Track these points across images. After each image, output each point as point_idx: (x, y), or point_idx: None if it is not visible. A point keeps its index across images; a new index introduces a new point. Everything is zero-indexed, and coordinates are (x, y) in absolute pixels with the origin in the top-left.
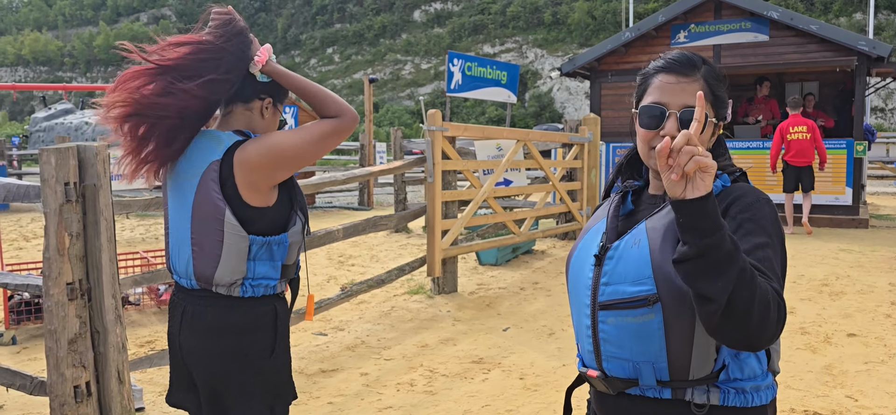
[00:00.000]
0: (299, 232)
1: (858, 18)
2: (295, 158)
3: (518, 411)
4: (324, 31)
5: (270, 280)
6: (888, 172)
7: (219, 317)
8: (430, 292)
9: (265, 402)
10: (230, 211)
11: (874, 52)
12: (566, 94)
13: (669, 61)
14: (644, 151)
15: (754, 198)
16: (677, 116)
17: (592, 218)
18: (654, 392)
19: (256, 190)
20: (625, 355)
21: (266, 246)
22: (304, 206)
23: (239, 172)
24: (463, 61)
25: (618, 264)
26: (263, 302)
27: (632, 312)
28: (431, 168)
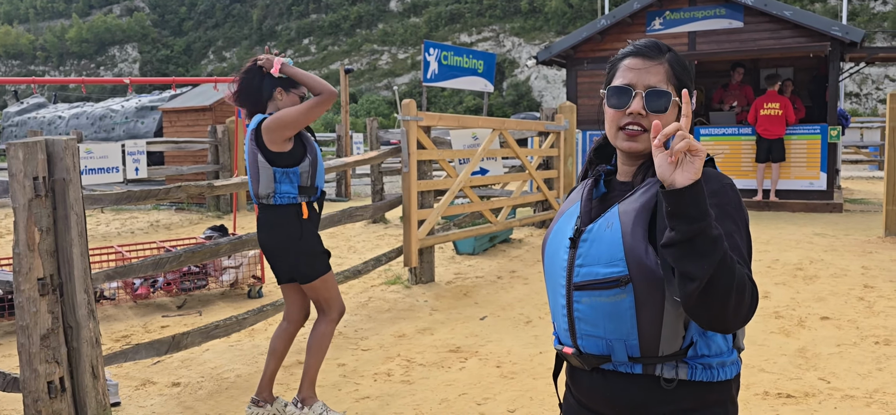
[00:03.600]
0: (307, 167)
1: (833, 3)
2: (291, 122)
3: (495, 398)
4: (299, 22)
5: (292, 194)
6: (862, 156)
7: (265, 216)
8: (408, 283)
9: (303, 261)
10: (261, 154)
11: (847, 37)
12: (544, 83)
13: (637, 46)
14: (612, 131)
15: (720, 184)
16: (642, 95)
17: (566, 202)
18: (625, 368)
19: (272, 143)
20: (598, 332)
21: (285, 173)
22: (315, 154)
23: (263, 134)
24: (439, 51)
25: (591, 247)
26: (287, 207)
27: (605, 292)
28: (407, 158)
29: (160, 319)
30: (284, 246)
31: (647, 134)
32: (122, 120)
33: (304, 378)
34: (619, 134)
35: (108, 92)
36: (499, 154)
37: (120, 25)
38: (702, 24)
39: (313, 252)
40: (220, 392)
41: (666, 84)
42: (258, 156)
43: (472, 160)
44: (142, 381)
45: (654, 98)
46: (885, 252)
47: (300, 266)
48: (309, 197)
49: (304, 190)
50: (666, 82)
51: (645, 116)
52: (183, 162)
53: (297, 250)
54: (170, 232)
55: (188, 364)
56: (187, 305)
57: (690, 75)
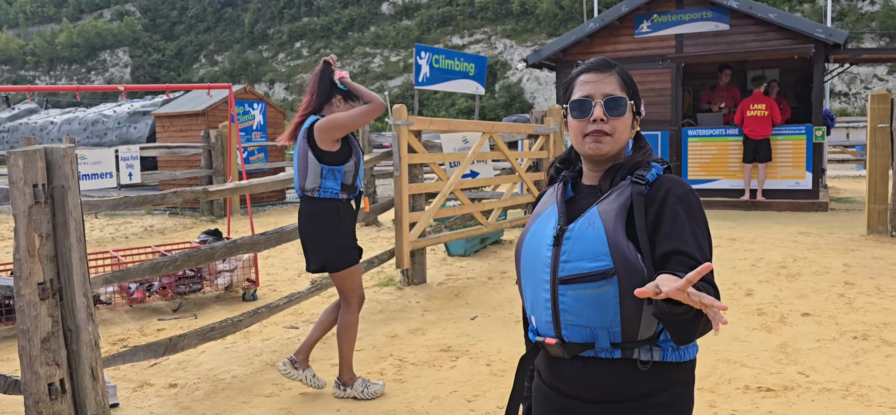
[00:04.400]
0: (352, 167)
1: (821, 3)
2: (342, 125)
3: (485, 395)
4: (291, 26)
5: (335, 190)
6: (849, 155)
7: (307, 208)
8: (400, 284)
9: (333, 254)
10: (311, 151)
11: (831, 39)
12: (536, 85)
13: (588, 64)
14: (577, 140)
15: (685, 190)
16: (602, 103)
17: (539, 205)
18: (606, 353)
19: (323, 142)
20: (582, 322)
21: (330, 171)
22: (359, 156)
23: (314, 134)
24: (430, 54)
25: (576, 244)
26: (330, 201)
27: (591, 284)
28: (398, 162)
29: (156, 322)
30: (322, 236)
31: (610, 138)
32: (114, 125)
33: (342, 364)
34: (585, 140)
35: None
36: (489, 157)
37: (111, 30)
38: (689, 26)
39: (346, 245)
40: (216, 393)
41: (620, 91)
42: (308, 153)
43: (463, 163)
44: (139, 383)
45: (612, 104)
46: (866, 250)
47: (332, 256)
48: (349, 194)
49: (346, 187)
50: (620, 90)
51: (606, 122)
52: (176, 167)
53: (333, 241)
54: (164, 237)
55: (185, 366)
56: (182, 308)
57: (636, 87)
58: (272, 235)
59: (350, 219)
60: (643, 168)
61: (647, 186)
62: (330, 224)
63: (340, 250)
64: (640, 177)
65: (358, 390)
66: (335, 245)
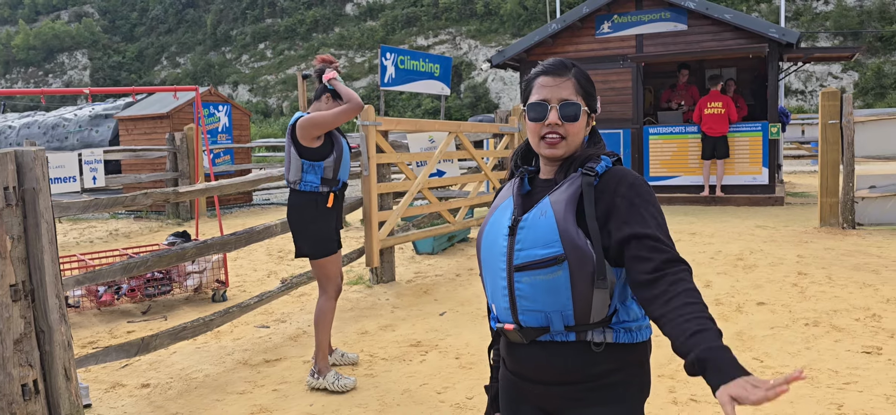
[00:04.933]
0: (331, 163)
1: (777, 4)
2: (322, 124)
3: (454, 387)
4: (255, 27)
5: (315, 183)
6: (805, 151)
7: (292, 198)
8: (369, 282)
9: (310, 243)
10: (293, 147)
11: (784, 38)
12: (501, 85)
13: (546, 66)
14: (534, 140)
15: (635, 178)
16: (557, 108)
17: (497, 198)
18: (561, 337)
19: (303, 139)
20: (537, 307)
21: (311, 166)
22: (342, 151)
23: (297, 131)
24: (396, 55)
25: (528, 233)
26: (310, 194)
27: (543, 271)
28: (366, 162)
29: (126, 324)
30: (302, 226)
31: (564, 141)
32: (75, 129)
33: (317, 352)
34: (541, 143)
35: (58, 100)
36: (455, 156)
37: (69, 32)
38: (648, 27)
39: (324, 236)
40: (189, 391)
41: (575, 96)
42: (291, 148)
43: (430, 162)
44: (111, 383)
45: (567, 108)
46: (819, 241)
47: (310, 245)
48: (331, 188)
49: (326, 181)
50: (575, 95)
51: (561, 125)
52: (141, 170)
53: (311, 232)
54: (130, 240)
55: (156, 366)
56: (152, 310)
57: (594, 87)
58: (242, 235)
59: (329, 211)
60: (593, 161)
61: (596, 177)
62: (308, 215)
63: (318, 240)
64: (590, 169)
65: (330, 382)
66: (313, 235)
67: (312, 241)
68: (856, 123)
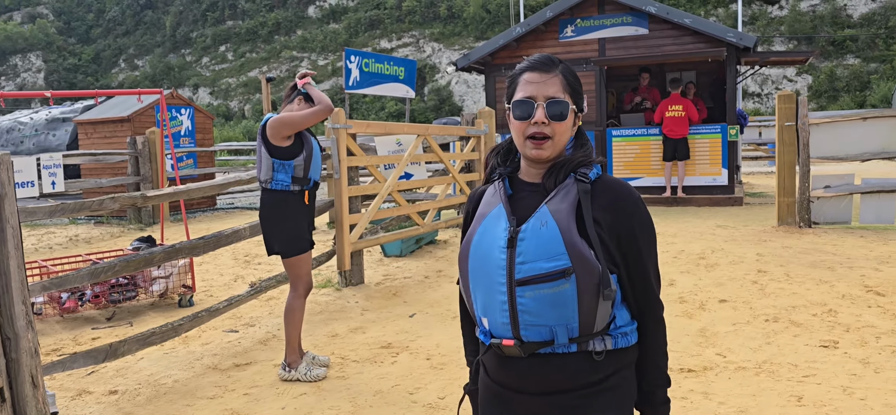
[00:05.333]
0: (302, 162)
1: (734, 9)
2: (291, 124)
3: (426, 387)
4: (215, 29)
5: (285, 182)
6: (762, 152)
7: (263, 197)
8: (338, 285)
9: (282, 240)
10: (264, 147)
11: (741, 43)
12: (465, 87)
13: (533, 62)
14: (520, 139)
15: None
16: (544, 106)
17: (483, 206)
18: (563, 349)
19: (274, 138)
20: (541, 321)
21: (281, 165)
22: (311, 151)
23: (267, 130)
24: (360, 58)
25: (530, 244)
26: (281, 193)
27: (549, 284)
28: (337, 165)
29: (90, 331)
30: (273, 224)
31: (551, 142)
32: (31, 133)
33: (287, 346)
34: (527, 143)
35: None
36: (423, 159)
37: (22, 33)
38: (610, 31)
39: (294, 234)
40: (158, 397)
41: (563, 94)
42: (262, 148)
43: (400, 165)
44: (78, 391)
45: (554, 107)
46: (777, 240)
47: (281, 244)
48: (302, 187)
49: (297, 180)
50: (563, 92)
51: (548, 124)
52: (101, 174)
53: (281, 230)
54: (91, 246)
55: (124, 373)
56: (117, 317)
57: (581, 84)
58: (211, 239)
59: (300, 210)
60: (586, 167)
61: (590, 184)
62: (280, 214)
63: (288, 239)
64: (584, 175)
65: (302, 373)
66: (284, 233)
67: (283, 239)
68: (811, 125)
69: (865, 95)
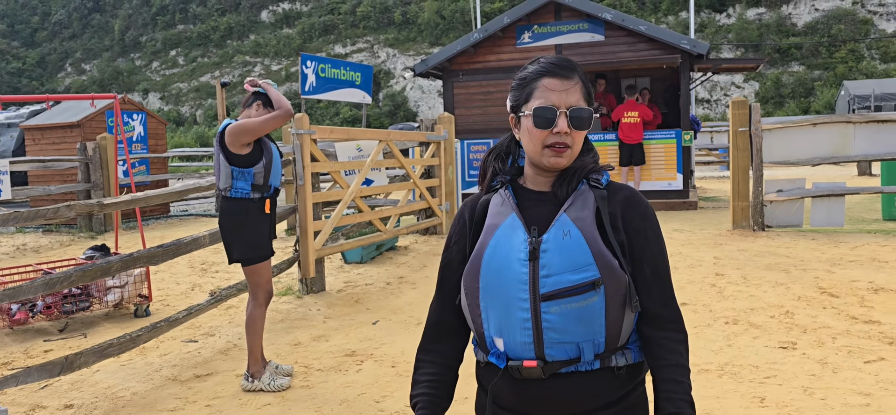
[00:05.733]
0: (261, 168)
1: (683, 17)
2: (249, 131)
3: (392, 395)
4: (166, 33)
5: (245, 190)
6: (714, 158)
7: (223, 205)
8: (299, 293)
9: (242, 248)
10: (222, 154)
11: (695, 50)
12: (419, 93)
13: (551, 65)
14: (537, 148)
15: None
16: (567, 115)
17: (491, 215)
18: (587, 366)
19: (232, 146)
20: (568, 338)
21: (240, 172)
22: (271, 157)
23: (225, 138)
24: (316, 63)
25: (555, 256)
26: (241, 200)
27: (576, 298)
28: (301, 171)
29: (42, 343)
30: (233, 232)
31: (570, 151)
32: None
33: (250, 356)
34: (545, 151)
35: None
36: (383, 164)
37: None
38: (567, 37)
39: (255, 242)
40: (116, 411)
41: (584, 101)
42: (220, 155)
43: (362, 171)
44: (31, 406)
45: (577, 116)
46: (733, 243)
47: (240, 252)
48: (262, 194)
49: (257, 187)
50: (584, 99)
51: (569, 134)
52: (50, 181)
53: (241, 238)
54: (40, 255)
55: (79, 386)
56: (70, 328)
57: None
58: (170, 247)
59: (260, 218)
60: (597, 172)
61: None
62: (239, 221)
63: (249, 246)
64: (597, 181)
65: (265, 383)
66: (244, 241)
67: (244, 246)
68: (764, 130)
69: (810, 102)
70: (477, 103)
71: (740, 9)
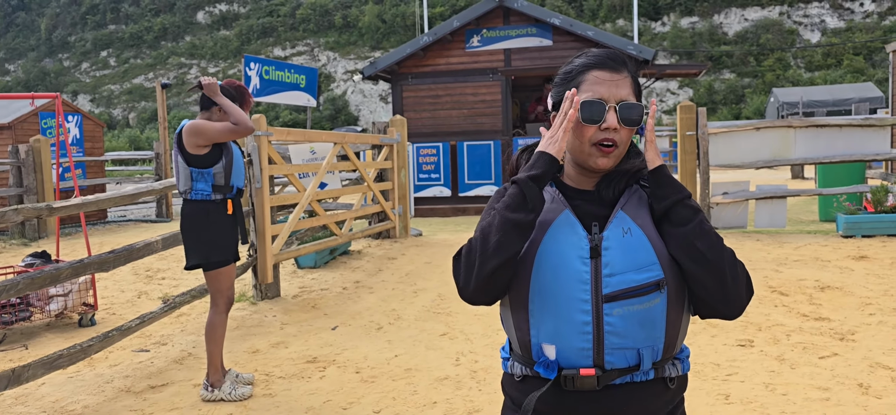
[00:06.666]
0: (221, 169)
1: (621, 24)
2: (204, 134)
3: (359, 402)
4: (96, 33)
5: (206, 191)
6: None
7: (183, 207)
8: (253, 299)
9: (202, 252)
10: (180, 156)
11: (641, 55)
12: (361, 97)
13: (602, 58)
14: (583, 145)
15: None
16: (616, 109)
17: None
18: (643, 376)
19: (190, 146)
20: (628, 343)
21: (199, 173)
22: (231, 157)
23: (183, 138)
24: (260, 65)
25: (617, 254)
26: (202, 202)
27: (640, 299)
28: (259, 174)
29: None
30: (193, 235)
31: (617, 150)
32: None
33: (209, 365)
34: (592, 150)
35: None
36: (338, 167)
37: None
38: (516, 41)
39: (216, 246)
40: None
41: (634, 96)
42: (179, 157)
43: (319, 173)
44: None
45: (628, 111)
46: None
47: (200, 257)
48: (224, 195)
49: (218, 188)
50: (634, 95)
51: (619, 130)
52: None
53: (201, 242)
54: None
55: (24, 401)
56: (8, 339)
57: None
58: (121, 252)
59: (222, 221)
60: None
61: None
62: (200, 225)
63: (210, 251)
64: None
65: (226, 392)
66: (204, 245)
67: (204, 251)
68: (710, 134)
69: (740, 108)
70: (426, 107)
71: (675, 17)
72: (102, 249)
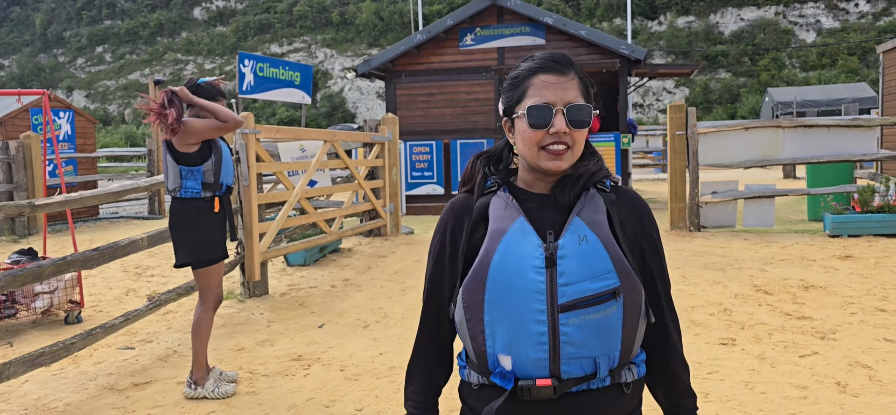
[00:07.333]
0: (211, 167)
1: (618, 23)
2: (192, 132)
3: (342, 399)
4: (91, 28)
5: (195, 189)
6: (649, 160)
7: (172, 205)
8: (241, 297)
9: (192, 250)
10: (170, 154)
11: (633, 55)
12: (358, 94)
13: (547, 61)
14: (531, 151)
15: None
16: (563, 112)
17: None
18: (599, 383)
19: (180, 144)
20: (585, 352)
21: (189, 171)
22: (221, 155)
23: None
24: (254, 62)
25: (572, 263)
26: (191, 200)
27: (595, 307)
28: (246, 172)
29: None
30: (183, 233)
31: (570, 152)
32: None
33: (194, 362)
34: (542, 154)
35: None
36: (328, 165)
37: None
38: (509, 40)
39: (205, 244)
40: None
41: (583, 98)
42: (168, 155)
43: (308, 171)
44: None
45: (575, 113)
46: (671, 243)
47: (190, 254)
48: (214, 192)
49: (208, 186)
50: (582, 96)
51: (568, 133)
52: None
53: (192, 240)
54: None
55: (7, 398)
56: None
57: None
58: (106, 250)
59: (211, 218)
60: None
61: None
62: (190, 222)
63: (199, 249)
64: (603, 186)
65: (209, 390)
66: (194, 243)
67: (194, 249)
68: (700, 134)
69: (736, 107)
70: (419, 105)
71: (671, 16)
72: (91, 246)
